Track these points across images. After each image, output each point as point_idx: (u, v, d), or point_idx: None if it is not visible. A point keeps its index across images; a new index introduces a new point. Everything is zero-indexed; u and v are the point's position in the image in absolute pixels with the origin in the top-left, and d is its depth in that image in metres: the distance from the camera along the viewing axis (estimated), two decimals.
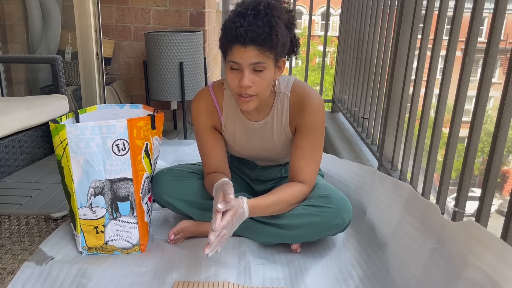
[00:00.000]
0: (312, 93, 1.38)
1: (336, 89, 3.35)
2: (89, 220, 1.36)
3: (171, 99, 2.89)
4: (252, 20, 1.16)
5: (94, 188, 1.33)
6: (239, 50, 1.19)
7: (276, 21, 1.18)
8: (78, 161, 1.31)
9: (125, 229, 1.38)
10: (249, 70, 1.22)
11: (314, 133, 1.39)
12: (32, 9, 2.78)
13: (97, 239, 1.38)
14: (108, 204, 1.35)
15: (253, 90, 1.25)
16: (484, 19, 6.72)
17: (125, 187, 1.36)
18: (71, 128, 1.29)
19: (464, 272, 0.98)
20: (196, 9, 3.06)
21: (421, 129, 1.58)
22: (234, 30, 1.17)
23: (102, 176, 1.33)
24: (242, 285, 1.25)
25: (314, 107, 1.36)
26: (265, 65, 1.22)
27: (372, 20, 2.35)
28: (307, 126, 1.38)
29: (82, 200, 1.35)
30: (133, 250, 1.41)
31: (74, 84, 2.91)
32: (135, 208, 1.39)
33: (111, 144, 1.32)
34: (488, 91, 1.19)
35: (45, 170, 2.29)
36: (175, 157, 2.27)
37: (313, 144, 1.39)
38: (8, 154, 1.38)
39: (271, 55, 1.21)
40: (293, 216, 1.38)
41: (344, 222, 1.39)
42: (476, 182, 11.46)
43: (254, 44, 1.17)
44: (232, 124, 1.47)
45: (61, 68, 1.63)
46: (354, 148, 2.42)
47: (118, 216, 1.37)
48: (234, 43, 1.19)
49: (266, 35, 1.17)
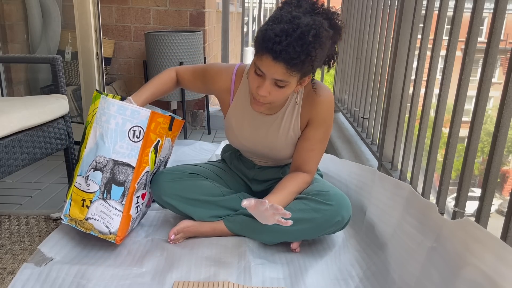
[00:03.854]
0: (323, 87, 1.43)
1: (336, 89, 3.35)
2: (80, 191, 1.39)
3: (171, 99, 2.89)
4: (293, 42, 1.13)
5: (97, 162, 1.36)
6: (268, 62, 1.18)
7: (316, 51, 1.16)
8: (95, 132, 1.37)
9: (109, 213, 1.38)
10: (270, 82, 1.23)
11: (325, 125, 1.44)
12: (32, 9, 2.78)
13: (80, 212, 1.38)
14: (103, 182, 1.37)
15: (268, 100, 1.27)
16: (484, 19, 6.73)
17: (125, 172, 1.37)
18: (103, 100, 1.37)
19: (462, 271, 0.99)
20: (196, 9, 3.06)
21: (421, 129, 1.58)
22: (271, 42, 1.14)
23: (109, 154, 1.36)
24: (242, 285, 1.25)
25: (326, 100, 1.41)
26: (287, 83, 1.23)
27: (372, 20, 2.35)
28: (319, 119, 1.42)
29: (83, 169, 1.38)
30: (109, 237, 1.39)
31: (74, 84, 2.91)
32: (125, 197, 1.39)
33: (129, 128, 1.36)
34: (488, 91, 1.19)
35: (45, 170, 2.29)
36: (175, 157, 2.27)
37: (323, 135, 1.45)
38: (8, 154, 1.38)
39: (297, 75, 1.21)
40: (292, 211, 1.39)
41: (344, 219, 1.39)
42: (476, 182, 11.46)
43: (284, 63, 1.16)
44: (241, 111, 1.49)
45: (61, 68, 1.63)
46: (354, 148, 2.42)
47: (107, 198, 1.38)
48: (266, 53, 1.17)
49: (299, 61, 1.15)
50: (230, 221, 1.50)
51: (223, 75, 1.48)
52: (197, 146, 2.52)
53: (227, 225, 1.50)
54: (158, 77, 1.53)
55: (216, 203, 1.51)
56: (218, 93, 1.52)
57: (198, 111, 3.26)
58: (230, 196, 1.54)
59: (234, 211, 1.52)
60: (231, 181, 1.65)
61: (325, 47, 1.20)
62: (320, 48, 1.17)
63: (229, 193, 1.55)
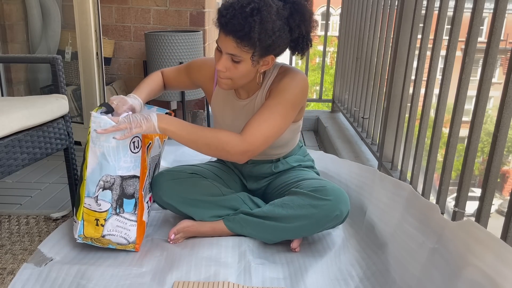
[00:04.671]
0: (298, 70, 1.45)
1: (336, 89, 3.35)
2: (92, 211, 1.36)
3: (171, 99, 2.89)
4: (236, 14, 1.22)
5: (104, 182, 1.34)
6: (222, 37, 1.28)
7: (258, 24, 1.21)
8: (95, 152, 1.32)
9: (125, 226, 1.38)
10: (226, 57, 1.30)
11: (282, 97, 1.37)
12: (32, 9, 2.78)
13: (96, 231, 1.37)
14: (114, 199, 1.36)
15: (226, 75, 1.33)
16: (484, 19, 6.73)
17: (133, 184, 1.37)
18: (96, 119, 1.28)
19: (464, 271, 0.99)
20: (196, 9, 3.06)
21: (421, 129, 1.58)
22: (220, 16, 1.26)
23: (114, 171, 1.34)
24: (242, 285, 1.25)
25: (292, 75, 1.41)
26: (241, 58, 1.29)
27: (372, 20, 2.35)
28: (279, 89, 1.39)
29: (90, 190, 1.35)
30: (128, 247, 1.40)
31: (74, 84, 2.91)
32: (137, 206, 1.39)
33: (130, 141, 1.34)
34: (488, 91, 1.19)
35: (45, 170, 2.29)
36: (175, 157, 2.27)
37: (275, 106, 1.35)
38: (8, 154, 1.38)
39: (250, 51, 1.27)
40: (291, 207, 1.39)
41: (343, 213, 1.39)
42: (476, 182, 11.46)
43: (232, 36, 1.25)
44: (222, 100, 1.54)
45: (61, 68, 1.63)
46: (354, 148, 2.42)
47: (121, 212, 1.37)
48: (219, 28, 1.28)
49: (243, 34, 1.23)
50: (229, 221, 1.50)
51: (207, 64, 1.56)
52: None
53: (227, 224, 1.50)
54: (149, 78, 1.60)
55: (216, 203, 1.51)
56: (202, 82, 1.58)
57: (198, 111, 3.26)
58: (230, 196, 1.54)
59: (234, 210, 1.52)
60: (230, 180, 1.65)
61: (269, 23, 1.23)
62: (262, 23, 1.22)
63: (229, 193, 1.55)
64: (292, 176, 1.56)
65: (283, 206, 1.42)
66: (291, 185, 1.52)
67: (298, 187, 1.46)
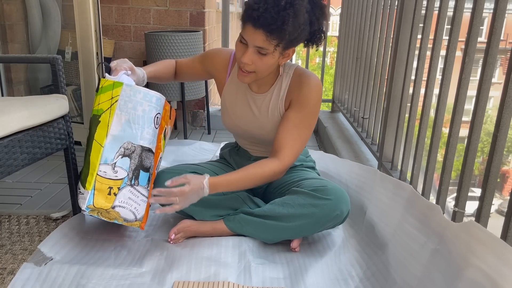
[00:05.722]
0: (312, 75, 1.47)
1: (336, 89, 3.35)
2: (106, 179, 1.33)
3: (171, 99, 2.89)
4: (269, 8, 1.23)
5: (125, 148, 1.35)
6: (250, 30, 1.28)
7: (292, 17, 1.23)
8: (120, 119, 1.34)
9: (137, 200, 1.37)
10: (253, 50, 1.31)
11: (306, 110, 1.44)
12: (32, 9, 2.77)
13: (107, 200, 1.33)
14: (131, 168, 1.35)
15: (251, 68, 1.34)
16: (484, 19, 6.73)
17: (150, 158, 1.39)
18: (127, 88, 1.35)
19: (465, 272, 0.98)
20: (196, 9, 3.06)
21: (421, 129, 1.58)
22: (251, 10, 1.25)
23: (137, 140, 1.36)
24: (242, 285, 1.25)
25: (311, 84, 1.44)
26: (268, 51, 1.30)
27: (372, 20, 2.35)
28: (301, 101, 1.44)
29: (108, 156, 1.33)
30: (134, 224, 1.39)
31: (74, 84, 2.91)
32: (150, 182, 1.40)
33: (154, 115, 1.37)
34: (488, 91, 1.19)
35: (45, 170, 2.29)
36: (175, 157, 2.27)
37: (302, 121, 1.44)
38: (8, 154, 1.38)
39: (278, 44, 1.28)
40: (292, 207, 1.39)
41: (343, 213, 1.39)
42: (476, 182, 11.46)
43: (263, 30, 1.25)
44: (235, 91, 1.55)
45: (61, 68, 1.63)
46: (354, 148, 2.42)
47: (135, 184, 1.37)
48: (248, 21, 1.27)
49: (276, 27, 1.23)
50: (230, 220, 1.50)
51: (223, 53, 1.58)
52: (197, 146, 2.52)
53: (227, 224, 1.50)
54: (160, 61, 1.63)
55: (217, 203, 1.51)
56: (216, 71, 1.59)
57: (198, 111, 3.26)
58: (230, 196, 1.54)
59: (235, 210, 1.52)
60: None
61: (300, 16, 1.26)
62: (295, 16, 1.24)
63: (230, 193, 1.55)
64: (293, 176, 1.57)
65: (283, 205, 1.42)
66: (292, 185, 1.52)
67: (299, 187, 1.46)
